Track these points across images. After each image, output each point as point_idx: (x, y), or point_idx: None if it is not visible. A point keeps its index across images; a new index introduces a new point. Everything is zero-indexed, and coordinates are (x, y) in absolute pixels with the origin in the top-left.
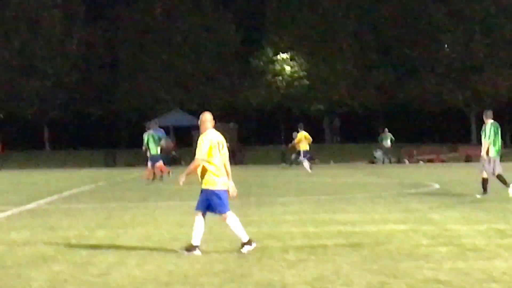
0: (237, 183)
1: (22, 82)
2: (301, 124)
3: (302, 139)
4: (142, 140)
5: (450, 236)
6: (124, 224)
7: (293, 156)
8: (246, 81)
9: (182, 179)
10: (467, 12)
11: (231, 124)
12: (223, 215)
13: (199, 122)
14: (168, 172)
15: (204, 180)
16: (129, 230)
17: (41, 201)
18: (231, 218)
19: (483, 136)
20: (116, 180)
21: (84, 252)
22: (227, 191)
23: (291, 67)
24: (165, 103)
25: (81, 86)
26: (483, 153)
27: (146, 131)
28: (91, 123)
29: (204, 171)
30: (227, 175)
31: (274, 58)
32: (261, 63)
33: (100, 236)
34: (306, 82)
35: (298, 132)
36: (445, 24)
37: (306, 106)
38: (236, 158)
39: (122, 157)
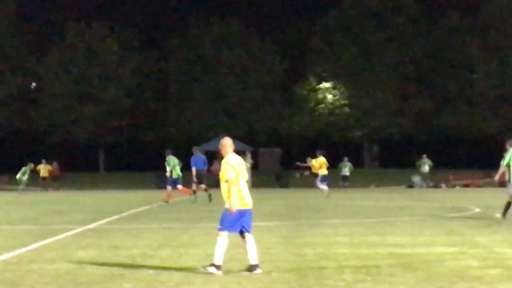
0: (284, 205)
1: (79, 108)
2: (320, 150)
3: (322, 165)
4: (187, 164)
5: (498, 259)
6: (184, 244)
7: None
8: (289, 109)
9: (234, 206)
10: (501, 45)
11: (275, 149)
12: (219, 231)
13: (219, 147)
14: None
15: (226, 200)
16: (190, 250)
17: (103, 221)
18: (222, 239)
19: (502, 162)
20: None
21: (150, 271)
22: (245, 212)
23: (333, 96)
24: (213, 129)
25: (134, 112)
26: (496, 177)
27: (166, 156)
28: (143, 147)
29: (227, 191)
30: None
31: (317, 87)
32: (304, 92)
33: (163, 255)
34: (347, 110)
35: (317, 157)
36: (480, 56)
37: (346, 132)
38: (280, 181)
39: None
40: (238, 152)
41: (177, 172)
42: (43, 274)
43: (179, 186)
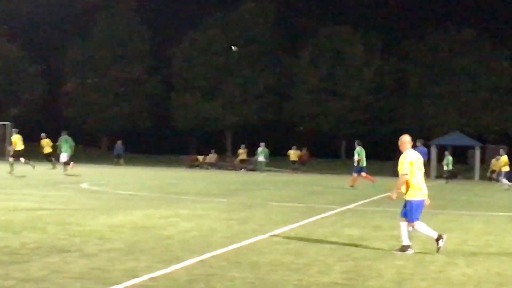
0: None
1: (325, 102)
2: (502, 149)
3: (503, 163)
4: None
5: None
6: (437, 229)
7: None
8: None
9: (394, 194)
10: None
11: (502, 146)
12: (411, 223)
13: (399, 144)
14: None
15: (407, 192)
16: (446, 234)
17: (358, 203)
18: (418, 225)
19: None
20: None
21: (412, 251)
22: (423, 202)
23: None
24: (445, 126)
25: (373, 108)
26: None
27: (356, 146)
28: (380, 139)
29: (407, 185)
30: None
31: None
32: None
33: (424, 238)
34: None
35: (500, 156)
36: None
37: None
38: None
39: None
40: (468, 148)
41: (363, 162)
42: (320, 247)
43: (363, 174)
